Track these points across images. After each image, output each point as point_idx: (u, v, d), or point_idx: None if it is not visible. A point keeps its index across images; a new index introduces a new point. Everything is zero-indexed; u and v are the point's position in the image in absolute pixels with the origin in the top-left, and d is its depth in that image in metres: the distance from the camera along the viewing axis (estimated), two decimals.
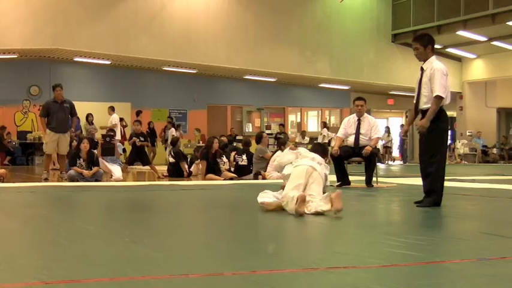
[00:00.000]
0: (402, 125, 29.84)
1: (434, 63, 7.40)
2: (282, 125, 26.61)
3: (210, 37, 23.93)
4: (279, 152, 13.12)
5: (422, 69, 7.48)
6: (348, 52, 27.02)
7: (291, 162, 6.81)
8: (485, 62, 30.46)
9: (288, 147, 8.08)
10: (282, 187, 6.74)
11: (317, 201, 6.26)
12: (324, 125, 26.39)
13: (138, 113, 23.72)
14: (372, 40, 27.85)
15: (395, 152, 31.22)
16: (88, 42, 21.68)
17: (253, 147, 15.12)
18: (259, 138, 14.55)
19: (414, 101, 7.57)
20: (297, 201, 6.14)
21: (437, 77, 7.24)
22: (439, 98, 7.20)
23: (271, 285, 3.07)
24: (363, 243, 4.72)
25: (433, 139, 7.28)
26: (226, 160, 15.04)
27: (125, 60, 24.22)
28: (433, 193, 7.27)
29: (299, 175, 6.56)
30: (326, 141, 25.30)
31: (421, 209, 7.03)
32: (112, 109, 20.94)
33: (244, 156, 15.03)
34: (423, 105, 7.36)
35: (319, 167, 6.72)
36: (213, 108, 28.04)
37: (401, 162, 29.52)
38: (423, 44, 7.47)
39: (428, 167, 7.31)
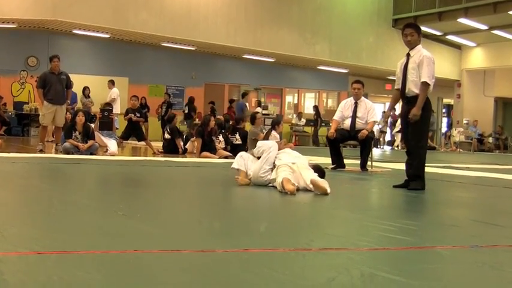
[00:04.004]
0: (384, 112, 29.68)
1: (422, 50, 7.54)
2: (217, 105, 26.31)
3: (210, 14, 23.84)
4: (274, 132, 13.08)
5: (408, 55, 7.58)
6: (347, 35, 26.97)
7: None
8: (485, 50, 30.44)
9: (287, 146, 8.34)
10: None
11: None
12: (259, 103, 26.15)
13: (243, 95, 24.32)
14: (372, 24, 27.80)
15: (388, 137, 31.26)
16: (87, 15, 21.58)
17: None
18: (253, 119, 14.49)
19: (397, 86, 7.72)
20: (282, 184, 6.43)
21: (426, 65, 7.39)
22: (426, 85, 7.36)
23: (263, 264, 3.08)
24: (355, 226, 4.74)
25: (418, 126, 7.43)
26: (222, 139, 15.03)
27: (124, 35, 24.14)
28: (418, 178, 7.44)
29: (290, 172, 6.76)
30: None
31: (413, 194, 7.06)
32: (112, 83, 20.85)
33: (237, 136, 14.99)
34: (410, 90, 7.48)
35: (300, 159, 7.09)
36: (210, 86, 27.98)
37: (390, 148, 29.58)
38: (417, 31, 7.61)
39: (414, 153, 7.49)
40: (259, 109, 25.19)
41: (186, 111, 23.50)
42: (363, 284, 2.78)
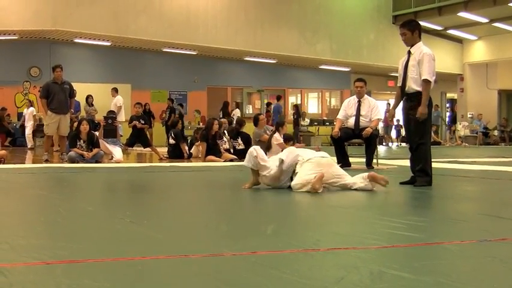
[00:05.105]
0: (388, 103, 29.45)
1: (422, 47, 7.57)
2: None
3: (210, 18, 23.86)
4: (276, 134, 13.05)
5: (409, 52, 7.61)
6: (348, 33, 26.96)
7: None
8: (486, 43, 30.37)
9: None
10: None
11: (358, 178, 6.82)
12: (237, 105, 25.94)
13: (279, 98, 24.66)
14: (372, 21, 27.78)
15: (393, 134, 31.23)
16: (87, 23, 21.63)
17: (250, 130, 14.97)
18: (256, 121, 14.42)
19: (399, 84, 7.70)
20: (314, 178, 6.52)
21: (426, 62, 7.41)
22: (427, 82, 7.37)
23: (271, 266, 3.07)
24: (362, 224, 4.73)
25: (420, 122, 7.44)
26: (226, 140, 14.96)
27: (125, 41, 24.17)
28: (425, 174, 7.40)
29: (318, 165, 6.83)
30: None
31: (420, 190, 7.04)
32: (115, 91, 20.89)
33: (239, 140, 14.93)
34: (410, 87, 7.51)
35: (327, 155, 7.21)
36: (213, 90, 28.00)
37: (398, 144, 29.56)
38: (410, 29, 7.63)
39: (418, 148, 7.49)
40: (237, 111, 25.04)
41: (221, 116, 23.47)
42: (372, 282, 2.77)
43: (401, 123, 29.19)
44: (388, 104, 29.01)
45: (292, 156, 6.95)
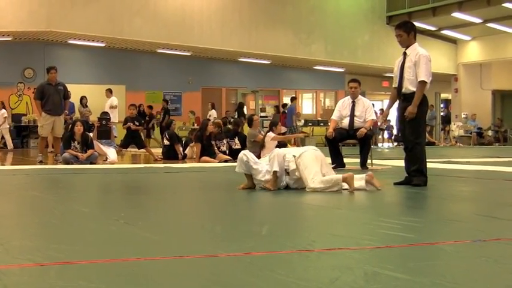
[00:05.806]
0: (381, 110, 29.39)
1: (418, 49, 7.59)
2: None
3: (204, 19, 23.84)
4: (270, 132, 13.06)
5: (405, 53, 7.62)
6: (342, 34, 26.98)
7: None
8: (481, 44, 30.42)
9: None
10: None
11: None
12: (212, 106, 25.78)
13: (293, 99, 25.59)
14: (366, 22, 27.80)
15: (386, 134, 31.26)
16: (82, 25, 21.58)
17: (245, 130, 14.98)
18: (250, 122, 14.41)
19: (395, 85, 7.71)
20: (345, 179, 6.72)
21: (423, 63, 7.43)
22: (424, 84, 7.38)
23: (266, 266, 3.07)
24: (357, 225, 4.73)
25: (416, 122, 7.47)
26: (225, 142, 14.95)
27: (119, 43, 24.14)
28: (421, 174, 7.44)
29: (315, 159, 6.90)
30: None
31: (414, 190, 7.05)
32: (110, 91, 20.87)
33: (236, 140, 14.93)
34: (407, 88, 7.52)
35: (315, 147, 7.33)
36: (208, 91, 27.97)
37: (391, 145, 29.58)
38: (406, 30, 7.65)
39: (414, 148, 7.50)
40: (213, 112, 24.85)
41: (236, 116, 23.40)
42: (366, 283, 2.77)
43: (392, 123, 29.30)
44: (373, 104, 29.00)
45: (280, 160, 6.94)
